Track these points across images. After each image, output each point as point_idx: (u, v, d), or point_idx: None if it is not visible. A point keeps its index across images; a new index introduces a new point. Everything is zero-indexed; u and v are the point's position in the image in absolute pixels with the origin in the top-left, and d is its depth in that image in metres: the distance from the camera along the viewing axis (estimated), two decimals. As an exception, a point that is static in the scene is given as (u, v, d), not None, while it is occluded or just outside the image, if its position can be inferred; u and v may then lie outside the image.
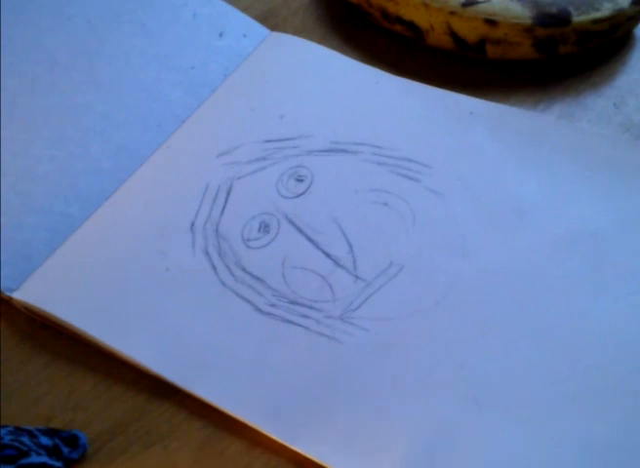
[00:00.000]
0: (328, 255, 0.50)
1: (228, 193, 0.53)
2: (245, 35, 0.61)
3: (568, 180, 0.52)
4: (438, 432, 0.44)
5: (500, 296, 0.48)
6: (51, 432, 0.45)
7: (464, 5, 0.56)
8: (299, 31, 0.61)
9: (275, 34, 0.61)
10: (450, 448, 0.44)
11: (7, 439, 0.43)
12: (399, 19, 0.59)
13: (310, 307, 0.49)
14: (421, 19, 0.58)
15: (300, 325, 0.48)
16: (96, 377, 0.48)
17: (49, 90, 0.58)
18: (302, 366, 0.47)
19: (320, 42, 0.60)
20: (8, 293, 0.50)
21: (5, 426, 0.44)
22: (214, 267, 0.50)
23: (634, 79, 0.58)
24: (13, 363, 0.49)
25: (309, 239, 0.51)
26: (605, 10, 0.56)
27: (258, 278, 0.50)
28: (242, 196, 0.53)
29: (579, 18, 0.56)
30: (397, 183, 0.53)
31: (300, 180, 0.54)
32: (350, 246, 0.50)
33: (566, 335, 0.47)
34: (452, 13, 0.57)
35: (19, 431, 0.44)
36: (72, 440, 0.45)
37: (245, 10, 0.62)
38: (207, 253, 0.51)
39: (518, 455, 0.44)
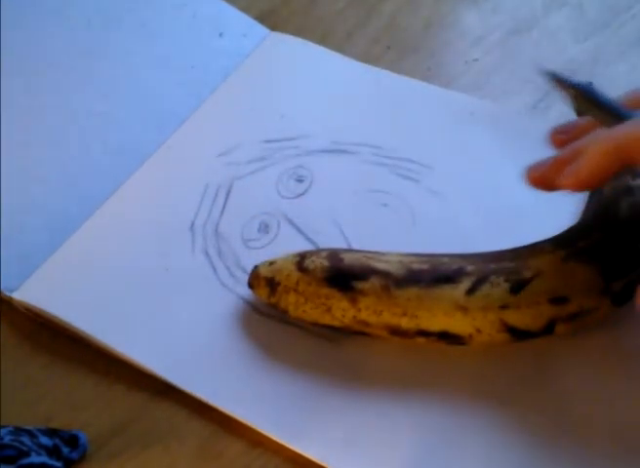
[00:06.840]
0: (328, 256, 0.50)
1: (228, 193, 0.53)
2: (245, 35, 0.61)
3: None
4: (438, 432, 0.44)
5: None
6: (51, 432, 0.45)
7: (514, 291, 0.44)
8: (299, 31, 0.61)
9: (275, 34, 0.61)
10: (450, 448, 0.44)
11: (7, 439, 0.43)
12: (422, 332, 0.45)
13: (310, 307, 0.49)
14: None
15: (299, 325, 0.48)
16: (96, 377, 0.48)
17: (49, 90, 0.58)
18: (303, 366, 0.47)
19: (320, 42, 0.60)
20: (8, 293, 0.50)
21: (5, 426, 0.44)
22: (213, 267, 0.50)
23: (634, 79, 0.58)
24: (13, 363, 0.48)
25: (309, 239, 0.51)
26: None
27: (257, 278, 0.50)
28: (242, 196, 0.53)
29: None
30: (397, 184, 0.53)
31: (299, 181, 0.53)
32: (350, 246, 0.50)
33: None
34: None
35: (19, 431, 0.44)
36: (72, 440, 0.45)
37: (245, 10, 0.62)
38: (207, 254, 0.51)
39: (519, 455, 0.44)
